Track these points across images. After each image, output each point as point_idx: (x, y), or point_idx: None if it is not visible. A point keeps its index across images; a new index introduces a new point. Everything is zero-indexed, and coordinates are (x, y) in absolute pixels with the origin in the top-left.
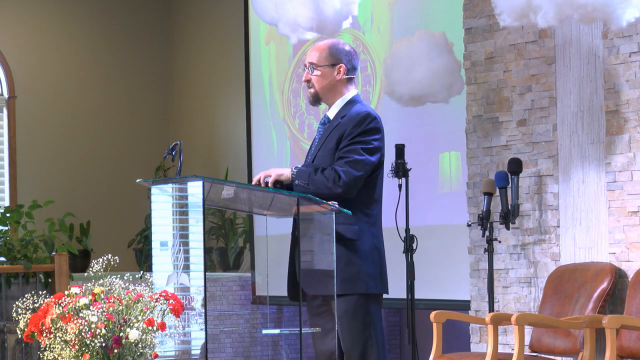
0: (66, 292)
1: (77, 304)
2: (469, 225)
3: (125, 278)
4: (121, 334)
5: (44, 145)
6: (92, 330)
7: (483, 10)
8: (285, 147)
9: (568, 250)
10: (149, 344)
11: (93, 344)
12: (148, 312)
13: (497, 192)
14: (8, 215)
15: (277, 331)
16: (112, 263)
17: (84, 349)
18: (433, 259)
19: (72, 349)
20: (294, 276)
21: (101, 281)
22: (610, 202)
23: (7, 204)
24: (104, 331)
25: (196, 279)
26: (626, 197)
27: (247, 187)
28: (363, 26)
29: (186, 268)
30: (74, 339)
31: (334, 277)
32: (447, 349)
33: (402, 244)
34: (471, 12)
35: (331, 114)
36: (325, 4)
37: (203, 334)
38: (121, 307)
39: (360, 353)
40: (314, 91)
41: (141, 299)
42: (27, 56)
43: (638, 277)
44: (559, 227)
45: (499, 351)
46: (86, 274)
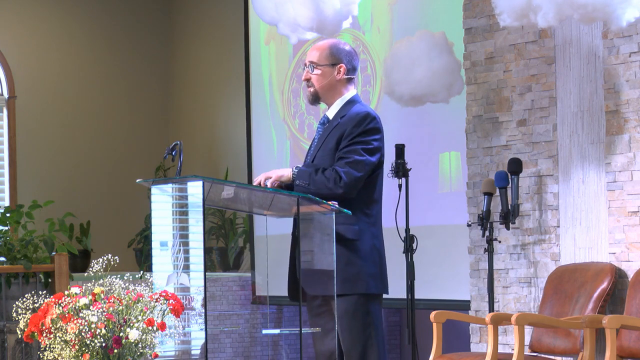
0: (66, 292)
1: (77, 304)
2: (469, 225)
3: (125, 278)
4: (121, 334)
5: (44, 145)
6: (92, 330)
7: (483, 10)
8: (285, 147)
9: (568, 250)
10: (149, 344)
11: (93, 344)
12: (148, 312)
13: (497, 192)
14: (8, 215)
15: (277, 331)
16: (112, 263)
17: (84, 349)
18: (433, 259)
19: (72, 349)
20: (294, 276)
21: (101, 281)
22: (610, 202)
23: (7, 204)
24: (104, 331)
25: (196, 279)
26: (626, 197)
27: (247, 187)
28: (363, 26)
29: (186, 268)
30: (74, 339)
31: (334, 277)
32: (447, 349)
33: (402, 244)
34: (471, 12)
35: (330, 114)
36: (325, 4)
37: (203, 334)
38: (121, 307)
39: (360, 353)
40: (313, 90)
41: (141, 299)
42: (27, 56)
43: (638, 277)
44: (559, 227)
45: (499, 351)
46: (86, 274)
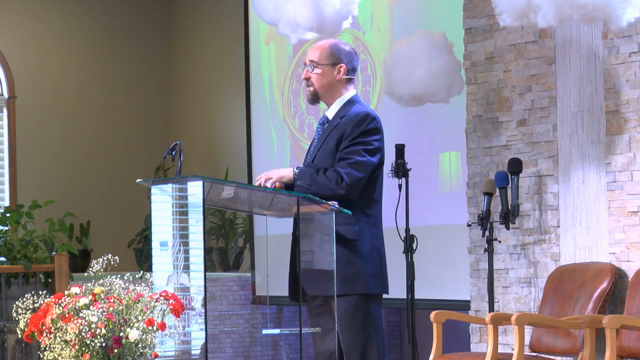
0: (66, 292)
1: (77, 304)
2: (469, 225)
3: (125, 278)
4: (121, 334)
5: (44, 145)
6: (92, 330)
7: (483, 10)
8: (285, 147)
9: (568, 250)
10: (149, 344)
11: (93, 344)
12: (148, 312)
13: (497, 192)
14: (8, 215)
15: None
16: (112, 263)
17: (84, 349)
18: (433, 259)
19: (72, 349)
20: (295, 277)
21: (101, 281)
22: (610, 202)
23: (7, 204)
24: (104, 331)
25: (196, 279)
26: (626, 197)
27: (247, 187)
28: (363, 26)
29: (186, 268)
30: (74, 339)
31: (334, 277)
32: (447, 349)
33: (402, 244)
34: (471, 12)
35: (330, 114)
36: (325, 4)
37: (203, 334)
38: (121, 307)
39: (360, 353)
40: (313, 90)
41: (141, 299)
42: (27, 56)
43: (638, 277)
44: (559, 227)
45: (499, 351)
46: (86, 274)
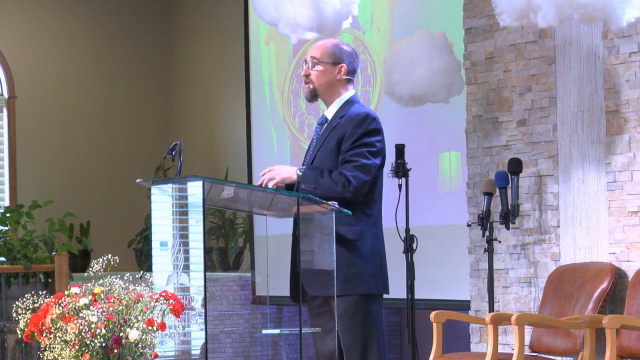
0: (66, 292)
1: (77, 304)
2: (469, 225)
3: (125, 278)
4: (121, 334)
5: (44, 145)
6: (92, 330)
7: (483, 10)
8: (285, 147)
9: (568, 250)
10: (149, 344)
11: (93, 344)
12: (148, 312)
13: (497, 192)
14: (8, 215)
15: (277, 331)
16: (112, 263)
17: (84, 349)
18: (433, 259)
19: (72, 349)
20: (296, 278)
21: (101, 281)
22: (610, 202)
23: (7, 204)
24: (104, 331)
25: (196, 279)
26: (626, 197)
27: (247, 187)
28: (363, 26)
29: (186, 268)
30: (74, 339)
31: (334, 277)
32: (447, 349)
33: (402, 244)
34: (471, 12)
35: (329, 113)
36: (325, 4)
37: (203, 334)
38: (121, 307)
39: (361, 353)
40: (312, 87)
41: (141, 299)
42: (27, 56)
43: (638, 277)
44: (559, 227)
45: (499, 351)
46: (86, 274)
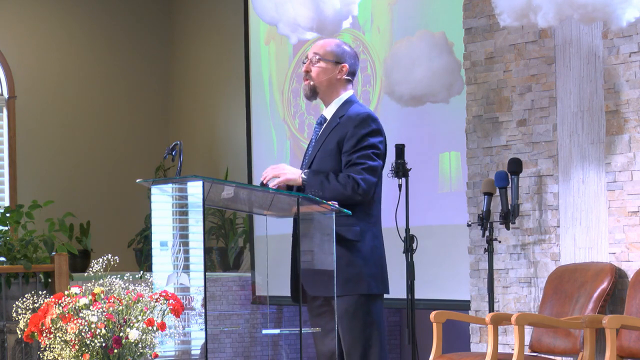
0: (66, 292)
1: (77, 304)
2: (469, 225)
3: (125, 278)
4: (121, 334)
5: (44, 145)
6: (92, 330)
7: (483, 10)
8: (285, 147)
9: (568, 250)
10: (149, 344)
11: (93, 344)
12: (148, 312)
13: (497, 192)
14: (8, 215)
15: (277, 331)
16: (112, 263)
17: (84, 349)
18: (433, 259)
19: (72, 349)
20: (296, 278)
21: (101, 281)
22: (610, 202)
23: (7, 204)
24: (104, 331)
25: (196, 279)
26: (626, 197)
27: (247, 187)
28: (363, 26)
29: (186, 268)
30: (74, 339)
31: (334, 277)
32: (447, 349)
33: (402, 244)
34: (471, 12)
35: (328, 113)
36: (325, 4)
37: (203, 334)
38: (121, 307)
39: (361, 353)
40: (312, 84)
41: (141, 299)
42: (27, 56)
43: (638, 277)
44: (559, 227)
45: (499, 351)
46: (86, 274)
